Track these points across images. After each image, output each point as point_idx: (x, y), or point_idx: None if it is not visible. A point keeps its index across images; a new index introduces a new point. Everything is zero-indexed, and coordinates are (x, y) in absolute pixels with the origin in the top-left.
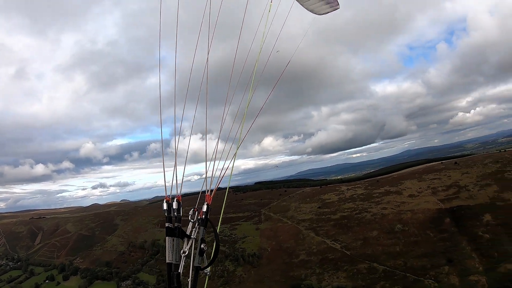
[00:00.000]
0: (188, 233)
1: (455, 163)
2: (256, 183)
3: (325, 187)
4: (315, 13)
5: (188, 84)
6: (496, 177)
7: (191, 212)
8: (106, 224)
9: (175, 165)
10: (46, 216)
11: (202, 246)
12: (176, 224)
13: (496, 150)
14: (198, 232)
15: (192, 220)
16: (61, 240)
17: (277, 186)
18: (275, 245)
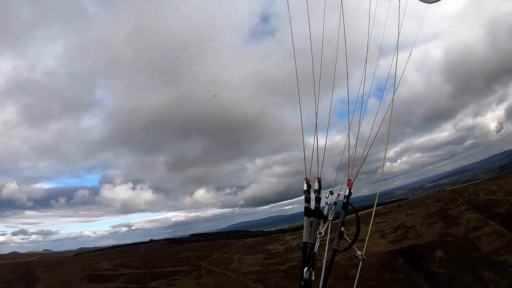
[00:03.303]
0: (325, 215)
1: (398, 205)
2: (191, 235)
3: (268, 237)
4: (425, 2)
5: None
6: (440, 215)
7: (327, 194)
8: (26, 275)
9: (317, 149)
10: None
11: (342, 229)
12: (315, 205)
13: (436, 191)
14: (333, 214)
15: (328, 203)
16: None
17: (215, 237)
18: None
